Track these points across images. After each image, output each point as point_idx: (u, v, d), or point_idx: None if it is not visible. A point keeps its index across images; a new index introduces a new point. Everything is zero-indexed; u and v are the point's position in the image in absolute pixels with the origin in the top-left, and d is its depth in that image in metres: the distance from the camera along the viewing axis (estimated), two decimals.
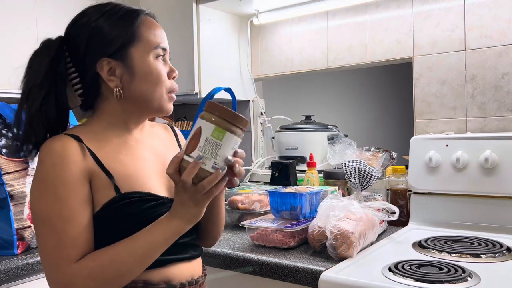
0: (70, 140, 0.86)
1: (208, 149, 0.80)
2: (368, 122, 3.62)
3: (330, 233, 1.15)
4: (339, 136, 1.82)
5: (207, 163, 0.80)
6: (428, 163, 1.49)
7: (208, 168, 0.80)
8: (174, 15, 1.91)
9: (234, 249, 1.29)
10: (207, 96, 1.76)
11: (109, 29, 0.90)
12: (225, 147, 0.81)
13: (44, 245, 0.83)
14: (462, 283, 0.97)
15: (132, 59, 0.91)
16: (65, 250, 0.81)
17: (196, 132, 0.81)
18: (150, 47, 0.92)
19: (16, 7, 1.67)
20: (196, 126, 0.82)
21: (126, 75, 0.91)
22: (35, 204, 0.84)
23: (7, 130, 1.31)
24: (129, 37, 0.91)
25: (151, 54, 0.92)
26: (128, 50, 0.91)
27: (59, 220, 0.81)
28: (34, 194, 0.85)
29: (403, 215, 1.53)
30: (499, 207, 1.39)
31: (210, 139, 0.80)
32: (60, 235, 0.81)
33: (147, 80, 0.92)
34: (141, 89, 0.92)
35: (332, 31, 1.90)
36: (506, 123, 1.52)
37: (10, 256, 1.26)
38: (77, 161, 0.85)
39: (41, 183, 0.84)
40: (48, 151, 0.85)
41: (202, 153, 0.80)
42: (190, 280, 0.95)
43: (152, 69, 0.92)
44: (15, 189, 1.29)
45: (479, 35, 1.56)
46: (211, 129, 0.80)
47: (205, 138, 0.80)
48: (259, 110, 2.13)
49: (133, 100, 0.93)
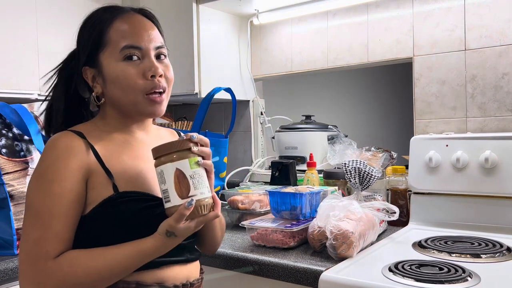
0: (73, 136, 0.88)
1: (196, 181, 0.84)
2: (368, 122, 3.62)
3: (330, 233, 1.15)
4: (339, 136, 1.82)
5: (204, 192, 0.85)
6: (428, 163, 1.49)
7: (208, 197, 0.86)
8: (174, 15, 1.91)
9: (234, 249, 1.28)
10: (207, 96, 1.76)
11: (85, 37, 0.93)
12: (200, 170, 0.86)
13: (27, 236, 0.83)
14: (462, 283, 0.97)
15: (102, 65, 0.91)
16: (45, 246, 0.81)
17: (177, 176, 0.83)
18: (117, 49, 0.89)
19: (16, 7, 1.67)
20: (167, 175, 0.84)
21: (100, 81, 0.92)
22: (30, 195, 0.85)
23: (7, 130, 1.31)
24: (96, 43, 0.91)
25: (118, 56, 0.89)
26: (97, 56, 0.91)
27: (48, 215, 0.82)
28: (30, 185, 0.86)
29: (403, 215, 1.53)
30: (499, 207, 1.39)
31: (192, 173, 0.83)
32: (45, 231, 0.82)
33: (116, 85, 0.90)
34: (114, 94, 0.92)
35: (332, 31, 1.90)
36: (506, 123, 1.52)
37: (10, 256, 1.26)
38: (78, 157, 0.85)
39: (39, 175, 0.85)
40: (51, 145, 0.86)
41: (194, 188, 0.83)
42: (185, 282, 0.93)
43: (118, 73, 0.89)
44: (15, 189, 1.29)
45: (479, 35, 1.56)
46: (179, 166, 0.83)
47: (189, 176, 0.83)
48: (259, 110, 2.13)
49: (113, 105, 0.94)
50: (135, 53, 0.90)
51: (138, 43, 0.90)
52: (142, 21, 0.94)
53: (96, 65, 0.92)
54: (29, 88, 1.69)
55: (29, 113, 1.36)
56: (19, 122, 1.32)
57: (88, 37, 0.92)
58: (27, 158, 1.34)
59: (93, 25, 0.92)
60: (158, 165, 0.84)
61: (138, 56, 0.90)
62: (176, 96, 1.95)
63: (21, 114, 1.33)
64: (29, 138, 1.33)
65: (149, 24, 0.94)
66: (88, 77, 0.94)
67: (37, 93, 1.70)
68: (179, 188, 0.83)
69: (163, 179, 0.84)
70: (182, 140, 0.85)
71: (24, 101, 1.46)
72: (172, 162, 0.83)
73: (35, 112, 1.40)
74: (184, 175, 0.83)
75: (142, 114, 0.94)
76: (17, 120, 1.32)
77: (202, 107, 1.65)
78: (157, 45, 0.93)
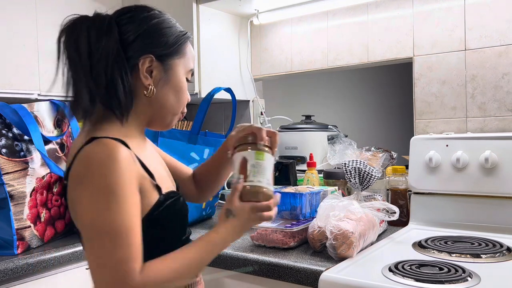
0: (121, 146, 0.82)
1: (258, 172, 0.94)
2: (368, 122, 3.62)
3: (330, 233, 1.15)
4: (339, 136, 1.82)
5: (262, 181, 0.94)
6: (428, 163, 1.49)
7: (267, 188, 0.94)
8: (174, 15, 1.89)
9: (234, 249, 1.29)
10: (207, 96, 1.76)
11: (166, 33, 0.94)
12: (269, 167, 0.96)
13: (109, 258, 0.78)
14: (462, 283, 0.97)
15: (173, 69, 0.94)
16: (132, 264, 0.78)
17: (241, 162, 0.95)
18: (187, 67, 0.97)
19: (16, 7, 1.67)
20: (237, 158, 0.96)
21: (162, 80, 0.92)
22: (97, 216, 0.78)
23: (7, 130, 1.31)
24: (178, 49, 0.95)
25: (186, 73, 0.97)
26: (173, 60, 0.94)
27: (127, 233, 0.78)
28: (95, 205, 0.79)
29: (403, 215, 1.53)
30: (499, 207, 1.39)
31: (255, 163, 0.94)
32: (129, 248, 0.78)
33: (175, 93, 0.95)
34: (168, 98, 0.94)
35: (332, 31, 1.90)
36: (506, 123, 1.52)
37: (10, 256, 1.26)
38: (132, 169, 0.82)
39: (104, 194, 0.78)
40: (104, 157, 0.79)
41: (253, 177, 0.93)
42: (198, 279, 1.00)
43: (183, 86, 0.96)
44: (15, 189, 1.29)
45: (479, 35, 1.56)
46: (252, 155, 0.95)
47: (251, 164, 0.93)
48: (259, 110, 2.13)
49: (155, 105, 0.93)
50: (190, 78, 0.99)
51: (193, 70, 1.00)
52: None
53: (165, 64, 0.93)
54: (29, 88, 1.69)
55: (29, 113, 1.36)
56: (19, 122, 1.32)
57: (171, 38, 0.94)
58: (27, 158, 1.33)
59: (175, 31, 0.96)
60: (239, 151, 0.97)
61: (188, 80, 0.99)
62: None
63: (21, 114, 1.33)
64: (29, 138, 1.33)
65: None
66: (144, 65, 0.90)
67: (37, 93, 1.70)
68: (241, 172, 0.94)
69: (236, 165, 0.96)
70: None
71: (24, 101, 1.46)
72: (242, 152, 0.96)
73: (35, 112, 1.40)
74: (246, 162, 0.94)
75: (164, 124, 0.97)
76: (17, 120, 1.32)
77: (202, 107, 1.65)
78: None
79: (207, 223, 1.67)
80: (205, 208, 1.69)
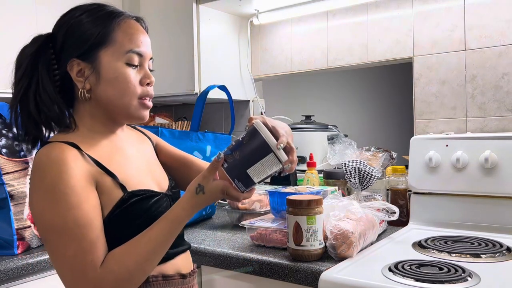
0: (67, 147, 0.84)
1: None
2: (368, 122, 3.62)
3: (330, 233, 1.15)
4: (339, 136, 1.82)
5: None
6: (428, 163, 1.49)
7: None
8: (174, 15, 1.91)
9: (234, 249, 1.29)
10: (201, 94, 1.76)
11: (83, 29, 0.89)
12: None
13: (64, 255, 0.80)
14: (462, 283, 0.97)
15: (100, 62, 0.89)
16: (88, 256, 0.80)
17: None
18: (121, 51, 0.90)
19: (16, 7, 1.67)
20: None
21: (92, 77, 0.90)
22: (46, 215, 0.81)
23: (7, 130, 1.31)
24: (100, 39, 0.89)
25: (122, 59, 0.90)
26: (97, 53, 0.89)
27: (77, 227, 0.80)
28: (42, 205, 0.81)
29: (403, 215, 1.53)
30: (499, 207, 1.39)
31: None
32: (81, 242, 0.80)
33: (113, 86, 0.90)
34: (107, 94, 0.90)
35: (332, 31, 1.90)
36: (506, 123, 1.52)
37: (10, 256, 1.26)
38: (80, 167, 0.84)
39: (48, 192, 0.81)
40: (48, 159, 0.82)
41: None
42: (193, 269, 1.01)
43: (119, 75, 0.89)
44: (15, 189, 1.29)
45: (479, 35, 1.56)
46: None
47: None
48: (259, 110, 2.13)
49: (101, 105, 0.92)
50: (136, 59, 0.92)
51: (141, 50, 0.92)
52: (143, 30, 0.96)
53: (91, 61, 0.89)
54: None
55: None
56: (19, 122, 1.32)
57: (89, 31, 0.89)
58: (27, 158, 1.34)
59: (96, 20, 0.90)
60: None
61: (138, 62, 0.92)
62: (176, 96, 1.96)
63: None
64: None
65: (146, 34, 0.97)
66: (73, 70, 0.89)
67: None
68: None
69: None
70: None
71: None
72: None
73: None
74: None
75: (131, 117, 0.93)
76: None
77: (198, 104, 1.66)
78: (151, 56, 0.96)
79: (207, 223, 1.67)
80: (205, 207, 1.69)
